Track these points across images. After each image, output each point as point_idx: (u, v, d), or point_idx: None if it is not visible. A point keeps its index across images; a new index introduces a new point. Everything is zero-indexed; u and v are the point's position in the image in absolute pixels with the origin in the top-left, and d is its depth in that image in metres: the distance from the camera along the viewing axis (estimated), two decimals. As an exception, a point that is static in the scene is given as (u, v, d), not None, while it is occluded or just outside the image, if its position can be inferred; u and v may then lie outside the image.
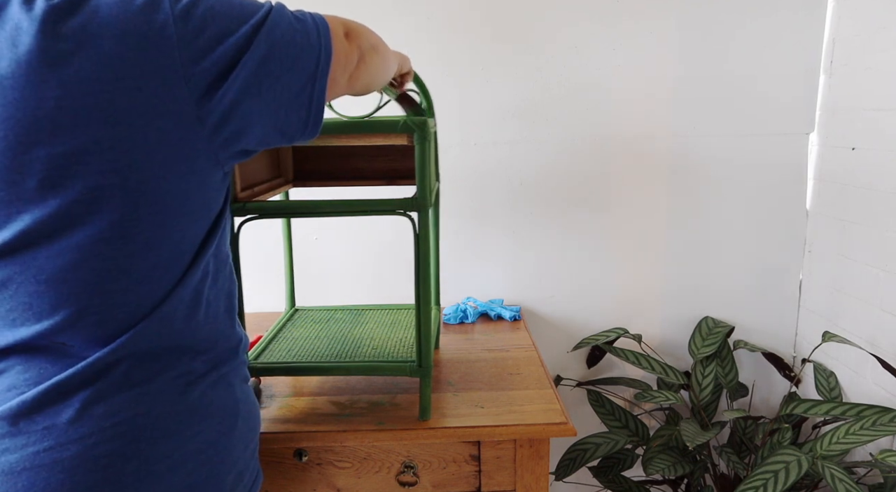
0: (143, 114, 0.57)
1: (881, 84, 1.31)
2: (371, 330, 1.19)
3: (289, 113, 0.65)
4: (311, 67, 0.63)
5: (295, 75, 0.63)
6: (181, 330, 0.66)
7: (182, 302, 0.66)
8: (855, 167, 1.40)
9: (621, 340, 1.59)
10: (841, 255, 1.45)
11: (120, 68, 0.56)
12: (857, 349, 1.39)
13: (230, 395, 0.72)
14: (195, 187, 0.64)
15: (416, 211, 0.91)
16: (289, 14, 0.64)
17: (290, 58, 0.62)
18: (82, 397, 0.60)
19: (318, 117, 0.66)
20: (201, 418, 0.68)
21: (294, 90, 0.63)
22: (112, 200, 0.58)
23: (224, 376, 0.72)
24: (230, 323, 0.75)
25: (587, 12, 1.47)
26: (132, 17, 0.56)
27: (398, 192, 1.33)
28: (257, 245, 1.55)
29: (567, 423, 0.99)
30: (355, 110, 0.95)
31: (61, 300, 0.59)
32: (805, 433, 1.55)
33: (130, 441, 0.62)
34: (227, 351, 0.73)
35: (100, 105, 0.56)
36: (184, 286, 0.65)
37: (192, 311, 0.67)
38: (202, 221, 0.67)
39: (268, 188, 1.11)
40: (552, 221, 1.58)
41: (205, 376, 0.69)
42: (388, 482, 1.03)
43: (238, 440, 0.73)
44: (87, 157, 0.56)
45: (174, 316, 0.65)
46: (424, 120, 0.90)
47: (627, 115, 1.52)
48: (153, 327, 0.63)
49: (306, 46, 0.63)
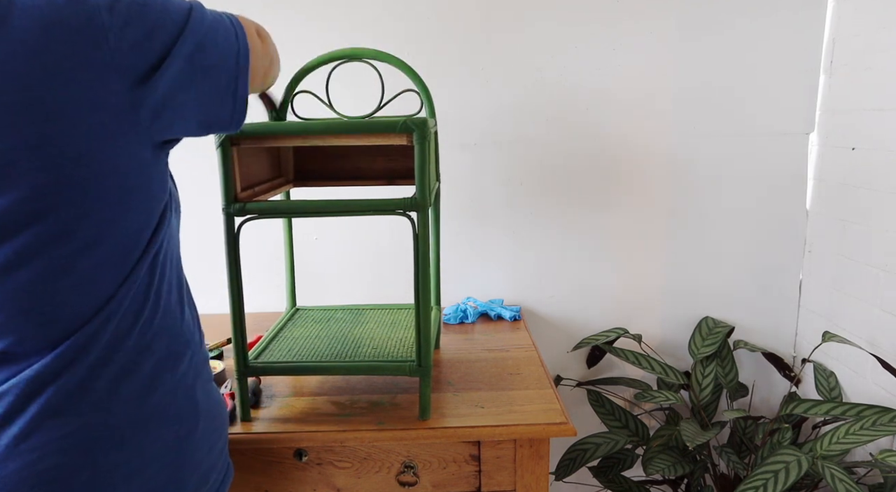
0: (78, 108, 0.56)
1: (881, 84, 1.31)
2: (371, 330, 1.19)
3: (217, 106, 0.66)
4: (233, 63, 0.66)
5: (221, 70, 0.65)
6: (130, 330, 0.64)
7: (131, 301, 0.64)
8: (855, 167, 1.40)
9: (621, 340, 1.58)
10: (841, 255, 1.45)
11: (49, 62, 0.54)
12: (857, 349, 1.39)
13: (189, 397, 0.71)
14: (135, 180, 0.63)
15: (416, 211, 0.91)
16: (209, 12, 0.66)
17: (216, 53, 0.64)
18: (32, 410, 0.59)
19: (243, 111, 0.69)
20: (159, 423, 0.66)
21: (221, 84, 0.66)
22: (51, 199, 0.57)
23: (183, 377, 0.71)
24: (181, 320, 0.73)
25: (587, 12, 1.47)
26: (59, 8, 0.55)
27: (398, 192, 1.33)
28: (258, 245, 1.55)
29: (567, 423, 0.99)
30: (355, 111, 0.95)
31: (2, 303, 0.58)
32: (805, 433, 1.55)
33: (83, 452, 0.60)
34: (182, 350, 0.71)
35: (29, 101, 0.54)
36: (130, 284, 0.64)
37: (141, 309, 0.66)
38: (146, 215, 0.65)
39: (268, 188, 1.11)
40: (552, 220, 1.58)
41: (160, 378, 0.67)
42: (388, 482, 1.03)
43: (201, 442, 0.72)
44: (18, 157, 0.54)
45: (123, 316, 0.64)
46: (424, 120, 0.90)
47: (627, 115, 1.52)
48: (101, 328, 0.62)
49: (228, 44, 0.66)
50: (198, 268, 1.47)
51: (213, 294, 1.51)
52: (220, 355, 1.28)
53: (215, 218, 1.45)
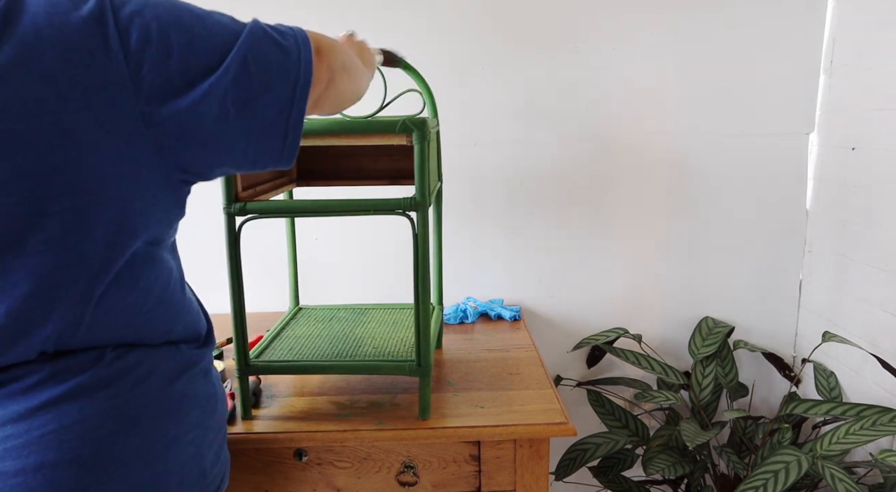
0: (92, 133, 0.53)
1: (881, 84, 1.31)
2: (373, 329, 1.19)
3: (261, 141, 0.59)
4: (288, 92, 0.58)
5: (270, 101, 0.58)
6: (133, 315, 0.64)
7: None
8: (855, 167, 1.40)
9: (621, 340, 1.59)
10: (841, 255, 1.45)
11: (65, 86, 0.51)
12: (857, 349, 1.39)
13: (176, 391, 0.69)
14: (143, 207, 0.59)
15: (416, 211, 0.92)
16: (267, 32, 0.59)
17: (265, 81, 0.57)
18: (57, 391, 0.59)
19: (294, 146, 0.61)
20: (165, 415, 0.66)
21: (269, 117, 0.58)
22: (56, 220, 0.54)
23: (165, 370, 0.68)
24: (180, 308, 0.70)
25: (587, 12, 1.47)
26: (76, 31, 0.52)
27: (399, 191, 1.33)
28: (261, 245, 1.55)
29: (567, 423, 0.99)
30: (359, 111, 0.95)
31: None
32: (805, 433, 1.55)
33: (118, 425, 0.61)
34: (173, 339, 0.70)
35: (45, 127, 0.52)
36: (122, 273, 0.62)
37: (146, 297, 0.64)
38: (152, 232, 0.63)
39: (270, 188, 1.11)
40: (552, 220, 1.58)
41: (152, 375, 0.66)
42: (388, 482, 1.03)
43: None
44: (32, 181, 0.52)
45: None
46: (423, 120, 0.90)
47: (627, 114, 1.52)
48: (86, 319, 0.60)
49: (284, 69, 0.58)
50: (200, 267, 1.47)
51: (214, 294, 1.51)
52: (220, 355, 1.28)
53: (217, 217, 1.45)
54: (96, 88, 0.53)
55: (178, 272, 0.72)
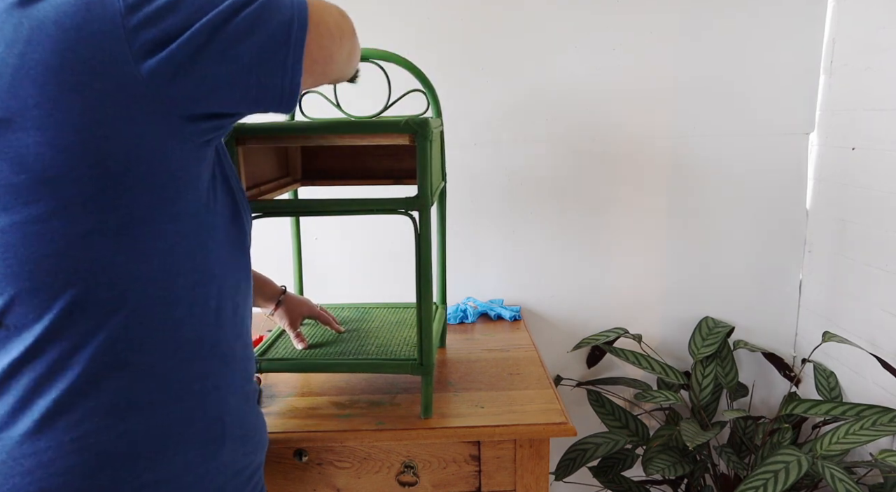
0: (91, 82, 0.55)
1: (881, 84, 1.31)
2: (376, 328, 1.19)
3: (261, 78, 0.61)
4: (283, 36, 0.60)
5: (267, 41, 0.60)
6: (147, 327, 0.63)
7: (144, 294, 0.62)
8: (855, 167, 1.40)
9: (621, 340, 1.59)
10: (841, 255, 1.46)
11: (67, 48, 0.54)
12: (857, 349, 1.39)
13: (216, 416, 0.69)
14: (161, 166, 0.60)
15: (418, 210, 0.92)
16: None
17: (256, 22, 0.59)
18: (40, 405, 0.59)
19: (294, 86, 0.62)
20: (179, 439, 0.65)
21: (268, 55, 0.60)
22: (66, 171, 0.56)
23: (212, 391, 0.68)
24: (216, 330, 0.69)
25: (587, 12, 1.47)
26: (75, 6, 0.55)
27: (402, 191, 1.33)
28: (265, 244, 1.55)
29: (567, 423, 0.99)
30: (363, 111, 0.95)
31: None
32: (805, 433, 1.55)
33: (91, 462, 0.60)
34: (214, 363, 0.69)
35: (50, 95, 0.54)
36: (145, 272, 0.62)
37: (157, 308, 0.63)
38: (166, 203, 0.62)
39: (275, 187, 1.11)
40: (552, 220, 1.58)
41: (185, 389, 0.66)
42: (388, 482, 1.03)
43: (225, 467, 0.69)
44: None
45: (135, 309, 0.62)
46: (425, 120, 0.90)
47: (627, 114, 1.52)
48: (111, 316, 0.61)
49: (278, 11, 0.60)
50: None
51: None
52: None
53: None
54: (95, 46, 0.55)
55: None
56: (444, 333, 1.35)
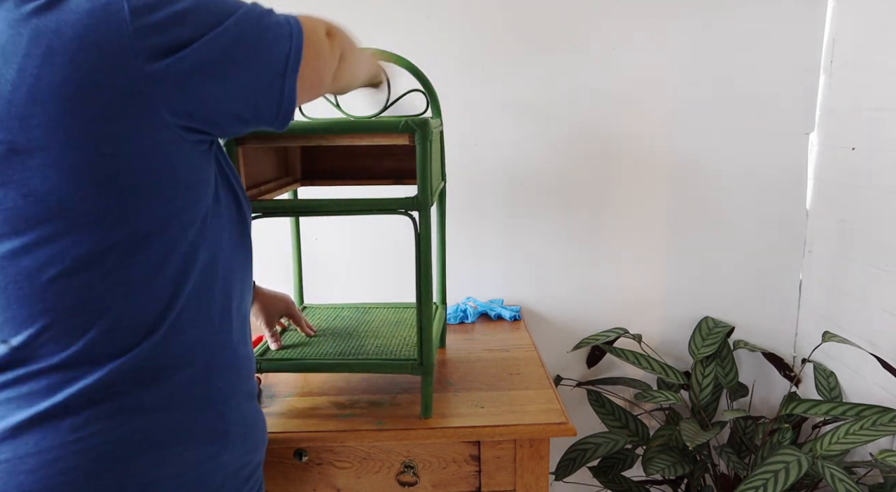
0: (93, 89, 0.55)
1: (881, 84, 1.31)
2: (376, 328, 1.19)
3: (259, 102, 0.64)
4: (280, 63, 0.64)
5: (265, 66, 0.63)
6: (151, 334, 0.63)
7: (145, 302, 0.63)
8: (855, 167, 1.40)
9: (621, 340, 1.59)
10: (841, 255, 1.46)
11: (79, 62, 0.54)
12: (857, 349, 1.39)
13: (220, 416, 0.69)
14: (146, 163, 0.60)
15: (418, 210, 0.92)
16: (262, 11, 0.64)
17: (259, 49, 0.62)
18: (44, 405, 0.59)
19: (289, 111, 0.66)
20: (183, 439, 0.65)
21: (265, 80, 0.63)
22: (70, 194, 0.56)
23: (216, 393, 0.69)
24: (221, 333, 0.70)
25: (587, 12, 1.47)
26: (89, 12, 0.55)
27: (402, 191, 1.33)
28: (265, 244, 1.55)
29: (567, 423, 0.99)
30: (363, 111, 0.95)
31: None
32: (805, 433, 1.55)
33: (94, 460, 0.60)
34: (220, 365, 0.70)
35: (64, 106, 0.54)
36: (148, 282, 0.62)
37: (164, 315, 0.64)
38: (172, 211, 0.63)
39: (275, 187, 1.11)
40: (552, 220, 1.58)
41: (188, 391, 0.66)
42: (388, 482, 1.03)
43: (227, 466, 0.70)
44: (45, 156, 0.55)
45: (142, 318, 0.62)
46: (425, 120, 0.90)
47: (627, 115, 1.52)
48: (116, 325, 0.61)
49: (278, 41, 0.64)
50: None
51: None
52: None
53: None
54: (106, 63, 0.56)
55: None
56: (444, 333, 1.35)
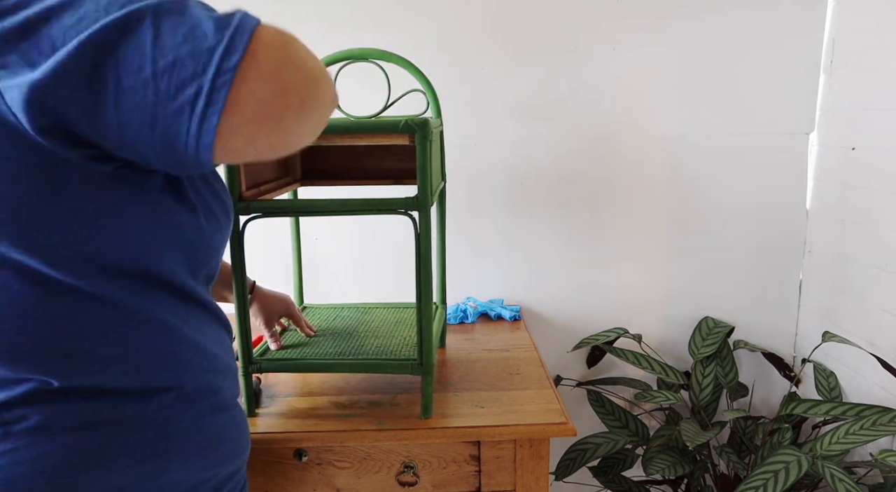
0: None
1: (881, 84, 1.31)
2: (376, 328, 1.19)
3: (163, 127, 0.45)
4: (196, 68, 0.44)
5: (172, 74, 0.44)
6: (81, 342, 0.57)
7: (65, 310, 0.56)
8: (855, 167, 1.40)
9: (621, 340, 1.59)
10: (841, 255, 1.46)
11: None
12: (857, 349, 1.39)
13: (162, 432, 0.62)
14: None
15: (418, 210, 0.92)
16: (187, 6, 0.46)
17: (164, 50, 0.44)
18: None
19: (207, 144, 0.45)
20: (114, 455, 0.59)
21: (170, 93, 0.44)
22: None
23: (158, 410, 0.62)
24: (166, 342, 0.62)
25: (587, 12, 1.47)
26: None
27: (402, 191, 1.33)
28: (265, 244, 1.55)
29: (567, 423, 0.99)
30: (363, 111, 0.95)
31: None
32: (805, 433, 1.55)
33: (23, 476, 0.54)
34: (162, 377, 0.62)
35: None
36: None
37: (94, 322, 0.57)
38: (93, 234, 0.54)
39: (275, 187, 1.11)
40: (552, 220, 1.58)
41: (110, 405, 0.59)
42: (388, 482, 1.03)
43: (172, 486, 0.63)
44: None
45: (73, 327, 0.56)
46: (425, 120, 0.90)
47: (627, 115, 1.52)
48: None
49: (195, 40, 0.44)
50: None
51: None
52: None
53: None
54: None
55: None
56: (444, 333, 1.35)
